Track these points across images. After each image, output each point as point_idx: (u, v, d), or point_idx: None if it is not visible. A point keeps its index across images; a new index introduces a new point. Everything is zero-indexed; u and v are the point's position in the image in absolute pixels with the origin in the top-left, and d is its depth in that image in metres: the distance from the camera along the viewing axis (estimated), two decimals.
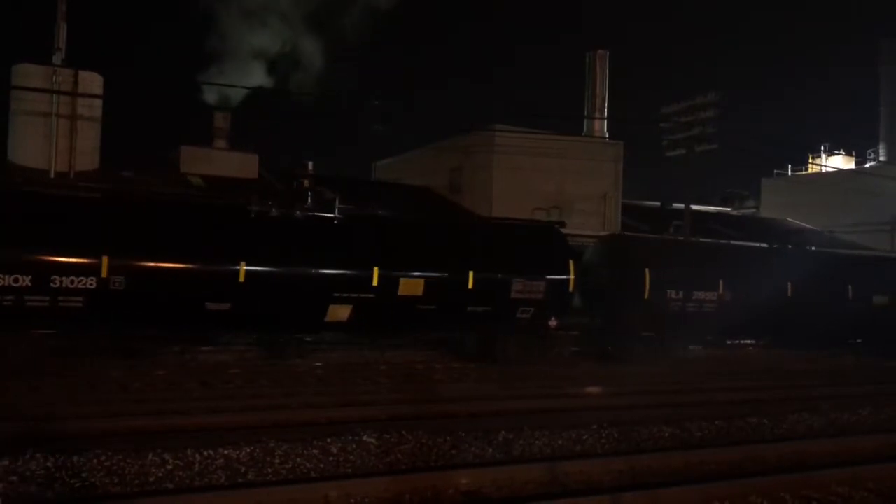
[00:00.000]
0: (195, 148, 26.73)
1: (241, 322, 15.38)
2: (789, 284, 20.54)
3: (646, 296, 18.72)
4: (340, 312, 15.50)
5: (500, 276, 17.14)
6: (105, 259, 13.32)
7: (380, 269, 15.64)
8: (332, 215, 16.11)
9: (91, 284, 13.24)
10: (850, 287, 21.91)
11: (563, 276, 17.87)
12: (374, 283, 15.59)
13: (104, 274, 13.30)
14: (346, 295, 15.46)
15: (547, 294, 17.50)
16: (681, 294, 19.23)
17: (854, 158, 47.44)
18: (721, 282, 19.70)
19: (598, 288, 19.53)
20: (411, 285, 15.95)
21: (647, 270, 18.84)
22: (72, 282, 13.10)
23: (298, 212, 15.76)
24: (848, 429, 11.00)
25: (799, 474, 7.92)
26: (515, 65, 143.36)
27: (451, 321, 17.29)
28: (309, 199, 16.31)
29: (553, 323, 17.77)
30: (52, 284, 12.93)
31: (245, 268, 14.37)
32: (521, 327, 17.60)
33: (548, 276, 17.65)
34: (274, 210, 15.43)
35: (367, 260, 15.71)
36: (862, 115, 64.29)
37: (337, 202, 16.24)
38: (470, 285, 16.60)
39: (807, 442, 9.77)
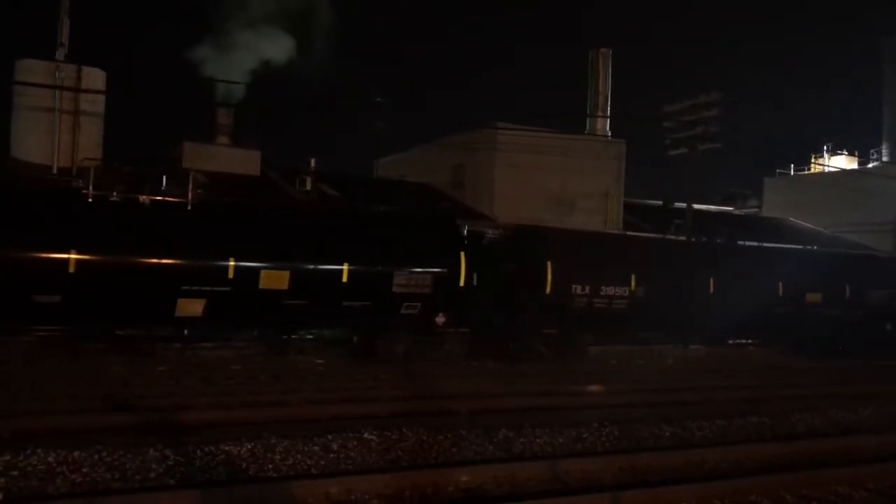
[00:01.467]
0: (197, 144, 26.74)
1: (75, 316, 13.97)
2: (712, 280, 19.62)
3: (548, 290, 17.52)
4: (192, 307, 14.34)
5: (379, 268, 15.95)
6: None
7: (236, 259, 14.46)
8: (184, 201, 14.81)
9: None
10: (780, 284, 20.82)
11: (453, 270, 16.62)
12: (230, 275, 14.40)
13: None
14: (197, 288, 14.28)
15: (434, 288, 16.28)
16: (587, 289, 18.00)
17: (857, 158, 47.38)
18: (633, 276, 18.51)
19: (502, 282, 18.50)
20: (274, 278, 14.78)
21: (549, 263, 17.61)
22: None
23: (144, 196, 14.46)
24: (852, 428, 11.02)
25: (799, 473, 7.93)
26: (516, 65, 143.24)
27: (324, 317, 16.06)
28: (164, 183, 15.05)
29: (441, 319, 16.55)
30: None
31: (75, 257, 13.33)
32: (406, 324, 16.40)
33: (435, 269, 16.45)
34: (115, 194, 14.25)
35: (221, 249, 14.49)
36: (865, 114, 64.17)
37: (191, 185, 14.79)
38: (345, 278, 15.41)
39: (807, 441, 9.79)
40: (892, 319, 22.86)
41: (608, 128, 35.56)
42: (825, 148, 47.13)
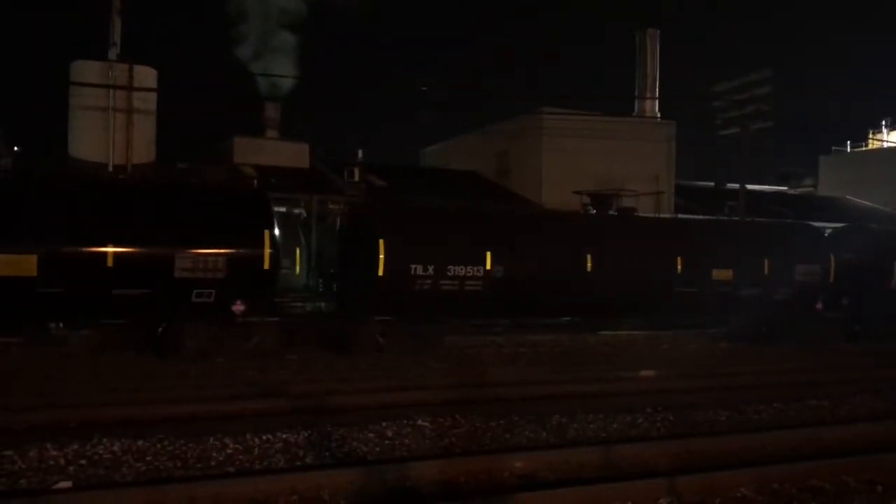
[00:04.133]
0: (247, 138, 27.15)
1: None
2: (589, 257, 17.46)
3: (380, 272, 15.60)
4: None
5: (156, 250, 14.00)
6: None
7: None
8: None
9: None
10: (679, 259, 18.37)
11: (254, 251, 14.62)
12: None
13: None
14: None
15: (230, 272, 14.40)
16: (430, 270, 15.93)
17: None
18: (489, 254, 16.44)
19: (330, 264, 17.29)
20: (17, 263, 12.89)
21: (381, 241, 15.65)
22: None
23: None
24: None
25: (861, 457, 7.74)
26: (564, 48, 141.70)
27: (90, 308, 13.98)
28: None
29: (239, 307, 14.66)
30: None
31: None
32: (200, 314, 14.50)
33: (230, 250, 14.53)
34: None
35: None
36: None
37: None
38: (110, 262, 13.45)
39: (869, 424, 9.56)
40: (823, 298, 20.18)
41: (657, 109, 35.06)
42: (883, 123, 45.78)
